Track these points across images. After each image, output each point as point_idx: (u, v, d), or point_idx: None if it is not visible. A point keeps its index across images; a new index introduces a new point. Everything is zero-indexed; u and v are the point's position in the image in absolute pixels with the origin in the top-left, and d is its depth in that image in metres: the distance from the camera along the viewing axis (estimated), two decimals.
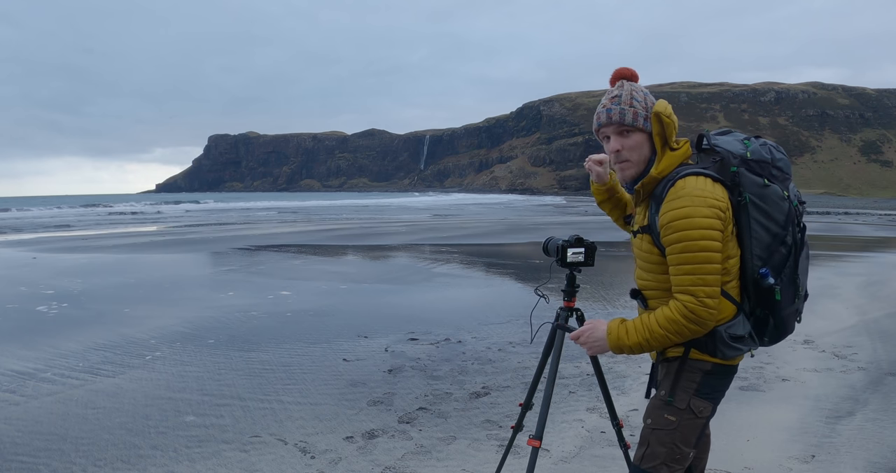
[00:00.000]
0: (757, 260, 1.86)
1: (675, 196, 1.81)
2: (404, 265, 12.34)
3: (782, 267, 1.88)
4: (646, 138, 1.95)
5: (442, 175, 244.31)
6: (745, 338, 1.91)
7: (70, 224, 29.44)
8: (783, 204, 1.86)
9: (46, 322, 7.10)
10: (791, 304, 1.92)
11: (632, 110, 1.92)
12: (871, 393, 4.58)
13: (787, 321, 1.95)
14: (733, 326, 1.89)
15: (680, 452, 1.94)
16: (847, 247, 15.88)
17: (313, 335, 6.39)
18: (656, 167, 1.91)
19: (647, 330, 1.89)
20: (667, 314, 1.85)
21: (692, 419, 1.94)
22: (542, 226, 24.62)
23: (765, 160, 1.87)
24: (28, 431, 3.93)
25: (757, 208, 1.84)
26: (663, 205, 1.84)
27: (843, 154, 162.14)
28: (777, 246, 1.87)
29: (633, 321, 1.95)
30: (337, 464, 3.42)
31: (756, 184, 1.84)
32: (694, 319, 1.80)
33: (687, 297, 1.81)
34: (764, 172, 1.86)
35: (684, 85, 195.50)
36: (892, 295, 8.61)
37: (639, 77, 2.01)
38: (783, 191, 1.87)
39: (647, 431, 2.00)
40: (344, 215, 37.75)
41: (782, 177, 1.89)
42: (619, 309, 7.58)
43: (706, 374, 1.93)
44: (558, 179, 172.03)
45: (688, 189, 1.80)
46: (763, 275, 1.86)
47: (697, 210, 1.77)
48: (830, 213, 38.38)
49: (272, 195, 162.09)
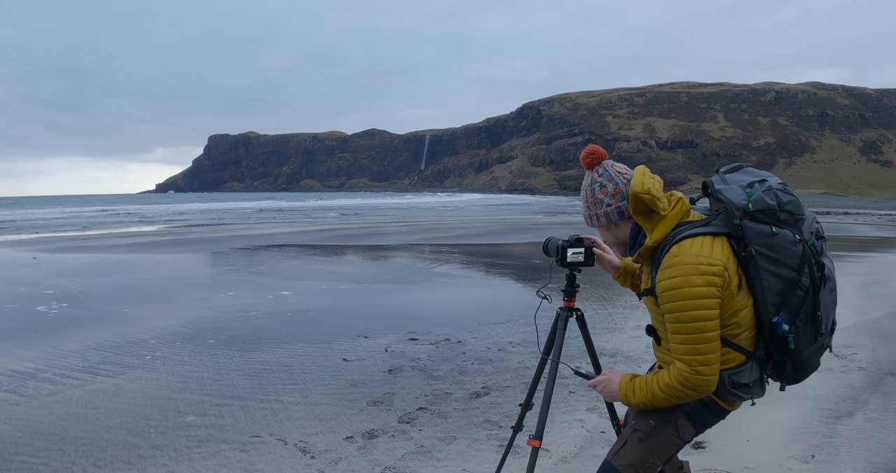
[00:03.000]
0: (771, 308, 1.81)
1: (669, 264, 1.79)
2: (404, 265, 12.34)
3: (799, 310, 1.82)
4: (604, 230, 2.08)
5: (442, 175, 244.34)
6: (750, 386, 1.89)
7: (88, 225, 29.44)
8: (795, 248, 1.79)
9: (46, 322, 7.10)
10: (809, 346, 1.86)
11: (583, 216, 2.10)
12: (871, 393, 4.58)
13: (808, 362, 1.89)
14: (738, 374, 1.87)
15: (650, 462, 1.96)
16: (847, 247, 15.88)
17: (313, 335, 6.39)
18: (650, 237, 1.88)
19: (649, 393, 1.90)
20: (666, 380, 1.85)
21: (672, 435, 1.95)
22: (542, 226, 24.62)
23: (770, 208, 1.78)
24: (28, 431, 3.93)
25: (765, 258, 1.78)
26: (658, 273, 1.83)
27: (843, 154, 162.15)
28: (792, 290, 1.81)
29: (640, 381, 1.95)
30: (337, 464, 3.42)
31: (762, 235, 1.77)
32: (689, 386, 1.81)
33: (682, 365, 1.81)
34: (770, 220, 1.78)
35: (684, 85, 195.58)
36: (892, 295, 8.61)
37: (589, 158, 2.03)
38: (794, 234, 1.79)
39: (628, 430, 2.03)
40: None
41: (793, 220, 1.81)
42: (619, 309, 7.58)
43: (700, 403, 1.94)
44: (558, 179, 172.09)
45: (681, 256, 1.77)
46: (776, 324, 1.81)
47: (689, 279, 1.74)
48: (830, 213, 38.37)
49: (272, 195, 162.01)
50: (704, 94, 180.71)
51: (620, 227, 2.02)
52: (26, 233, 22.86)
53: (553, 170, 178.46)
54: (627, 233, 2.02)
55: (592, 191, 2.01)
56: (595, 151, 2.03)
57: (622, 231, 2.03)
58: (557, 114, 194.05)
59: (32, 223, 30.57)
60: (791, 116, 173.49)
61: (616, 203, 1.97)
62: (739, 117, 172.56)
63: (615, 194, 1.96)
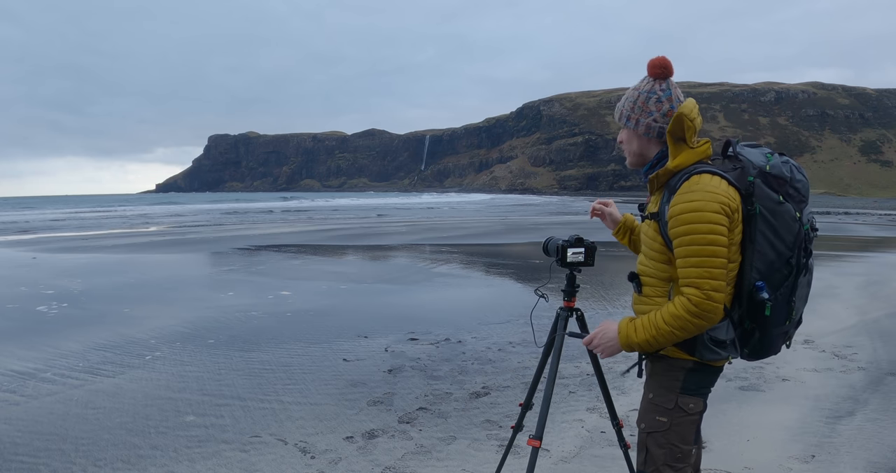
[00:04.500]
0: (755, 273, 1.86)
1: (688, 189, 1.83)
2: (404, 265, 12.34)
3: (779, 286, 1.87)
4: (633, 135, 2.06)
5: (442, 175, 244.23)
6: (727, 344, 1.91)
7: (93, 225, 29.42)
8: (794, 225, 1.84)
9: (46, 322, 7.10)
10: (781, 325, 1.92)
11: (620, 110, 2.09)
12: (871, 393, 4.58)
13: (774, 340, 1.95)
14: (716, 329, 1.88)
15: (680, 451, 1.94)
16: (847, 247, 15.89)
17: (313, 335, 6.39)
18: (672, 160, 1.92)
19: (653, 327, 1.88)
20: (671, 310, 1.85)
21: (684, 416, 1.95)
22: (542, 226, 24.62)
23: (783, 177, 1.85)
24: (28, 431, 3.93)
25: (766, 222, 1.83)
26: (675, 197, 1.85)
27: (843, 154, 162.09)
28: (780, 266, 1.86)
29: (642, 318, 1.94)
30: (337, 464, 3.42)
31: (770, 199, 1.83)
32: (698, 313, 1.80)
33: (692, 290, 1.81)
34: (780, 189, 1.84)
35: (684, 85, 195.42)
36: (892, 295, 8.61)
37: (659, 69, 2.01)
38: (797, 212, 1.85)
39: (642, 436, 2.01)
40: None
41: (798, 199, 1.87)
42: (619, 308, 7.58)
43: (689, 371, 1.94)
44: (558, 179, 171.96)
45: (702, 184, 1.81)
46: (758, 288, 1.85)
47: (708, 204, 1.78)
48: (830, 213, 38.35)
49: (271, 195, 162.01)
50: (704, 94, 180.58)
51: (651, 143, 2.04)
52: (26, 233, 22.85)
53: (553, 170, 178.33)
54: (653, 152, 2.04)
55: (647, 99, 2.00)
56: (667, 65, 2.01)
57: (650, 147, 2.05)
58: (557, 114, 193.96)
59: (61, 223, 30.52)
60: (791, 116, 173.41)
61: (662, 122, 1.98)
62: (739, 117, 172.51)
63: (666, 114, 1.97)
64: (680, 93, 2.00)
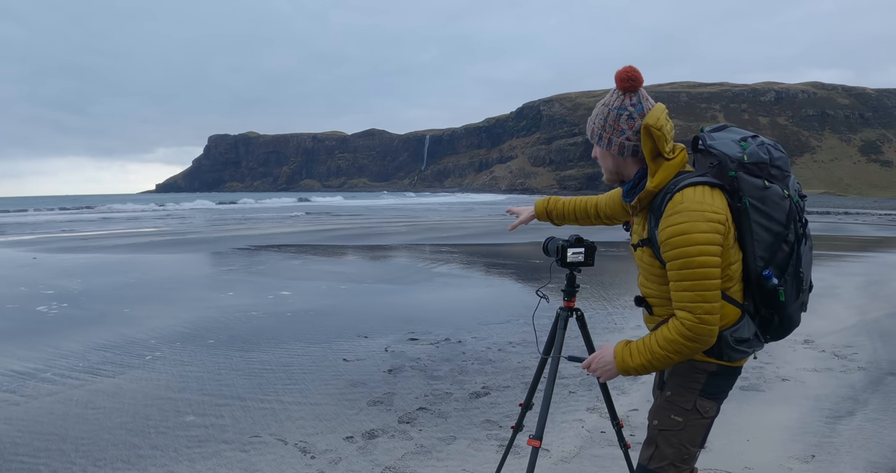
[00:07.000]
0: (759, 262, 1.85)
1: (673, 210, 1.79)
2: (404, 265, 12.34)
3: (786, 265, 1.87)
4: (607, 154, 2.00)
5: (442, 175, 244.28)
6: (751, 340, 1.91)
7: (99, 222, 29.41)
8: (784, 203, 1.85)
9: (46, 322, 7.10)
10: (795, 300, 1.91)
11: (591, 127, 2.01)
12: (871, 393, 4.58)
13: (793, 317, 1.95)
14: (738, 330, 1.88)
15: (688, 452, 1.95)
16: (847, 247, 15.88)
17: (313, 335, 6.39)
18: (651, 180, 1.87)
19: (648, 352, 1.88)
20: (666, 334, 1.85)
21: (698, 419, 1.95)
22: (542, 226, 24.57)
23: (763, 161, 1.84)
24: (28, 431, 3.93)
25: (757, 211, 1.83)
26: (662, 220, 1.83)
27: (843, 154, 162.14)
28: (780, 245, 1.86)
29: (637, 342, 1.94)
30: (337, 464, 3.42)
31: (755, 187, 1.82)
32: (692, 337, 1.80)
33: (685, 314, 1.80)
34: (763, 174, 1.83)
35: (684, 85, 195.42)
36: (892, 295, 8.61)
37: (628, 83, 1.88)
38: (783, 189, 1.85)
39: (654, 432, 2.00)
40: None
41: (782, 176, 1.87)
42: (619, 308, 7.58)
43: (711, 375, 1.94)
44: (558, 179, 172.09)
45: (686, 203, 1.78)
46: (767, 277, 1.85)
47: (695, 225, 1.75)
48: (830, 213, 38.36)
49: (271, 195, 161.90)
50: (704, 94, 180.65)
51: (627, 162, 1.98)
52: (26, 233, 22.85)
53: (553, 170, 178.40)
54: (632, 171, 1.98)
55: (618, 116, 1.90)
56: (636, 77, 1.88)
57: (626, 166, 1.99)
58: (557, 114, 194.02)
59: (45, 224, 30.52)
60: (791, 116, 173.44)
61: (636, 140, 1.90)
62: (739, 117, 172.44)
63: (639, 131, 1.88)
64: (652, 106, 1.90)
